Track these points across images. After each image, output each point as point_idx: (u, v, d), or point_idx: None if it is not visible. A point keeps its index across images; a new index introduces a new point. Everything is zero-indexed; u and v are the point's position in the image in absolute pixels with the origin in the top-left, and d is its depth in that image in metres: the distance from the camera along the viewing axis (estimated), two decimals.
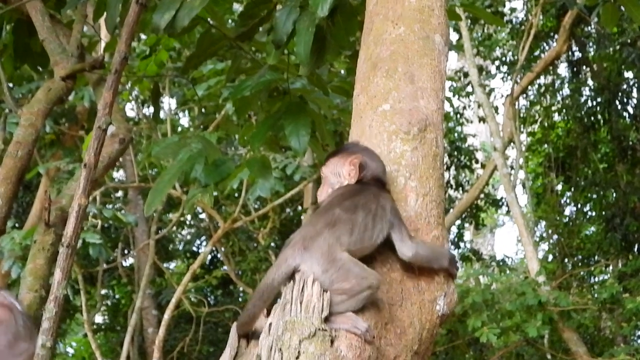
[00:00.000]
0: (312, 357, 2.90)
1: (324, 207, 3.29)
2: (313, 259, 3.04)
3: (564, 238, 18.66)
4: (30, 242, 8.94)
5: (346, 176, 3.40)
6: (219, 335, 17.50)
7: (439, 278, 3.46)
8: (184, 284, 13.59)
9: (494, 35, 19.95)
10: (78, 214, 4.03)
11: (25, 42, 6.11)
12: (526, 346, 16.05)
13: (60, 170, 11.43)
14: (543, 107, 20.33)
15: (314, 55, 4.96)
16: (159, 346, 13.43)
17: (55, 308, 3.88)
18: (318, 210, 3.33)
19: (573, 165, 18.94)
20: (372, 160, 3.43)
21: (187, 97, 14.01)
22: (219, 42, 5.78)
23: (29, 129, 4.80)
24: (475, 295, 13.20)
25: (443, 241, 3.55)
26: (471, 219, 20.02)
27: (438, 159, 3.68)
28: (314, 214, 3.30)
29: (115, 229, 16.58)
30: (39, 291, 4.59)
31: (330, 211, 3.18)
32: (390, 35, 3.95)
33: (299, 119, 5.40)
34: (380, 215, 3.22)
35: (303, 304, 3.01)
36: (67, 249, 3.99)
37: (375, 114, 3.74)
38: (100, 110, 4.19)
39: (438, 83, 3.87)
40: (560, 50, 17.79)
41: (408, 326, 3.29)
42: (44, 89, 5.10)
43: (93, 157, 4.12)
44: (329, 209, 3.22)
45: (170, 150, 5.97)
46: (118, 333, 18.45)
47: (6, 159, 4.63)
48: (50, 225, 4.76)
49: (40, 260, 4.71)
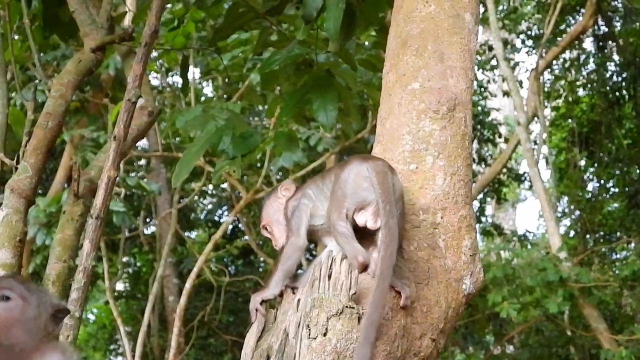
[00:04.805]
0: (339, 334, 2.93)
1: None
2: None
3: (586, 214, 18.56)
4: (54, 209, 9.06)
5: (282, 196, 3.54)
6: (239, 304, 17.57)
7: (465, 257, 3.48)
8: (205, 254, 13.64)
9: (520, 9, 19.80)
10: (107, 186, 4.07)
11: (54, 11, 6.11)
12: (546, 322, 16.08)
13: (84, 137, 11.48)
14: (568, 81, 20.19)
15: (343, 30, 4.96)
16: (180, 315, 13.52)
17: (84, 279, 3.94)
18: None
19: (597, 141, 18.82)
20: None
21: (210, 66, 13.99)
22: (246, 15, 5.77)
23: (59, 100, 4.83)
24: (496, 270, 13.22)
25: (470, 220, 3.56)
26: (493, 194, 19.95)
27: (466, 138, 3.69)
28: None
29: (137, 197, 16.63)
30: (68, 261, 4.64)
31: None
32: (420, 12, 3.94)
33: (327, 93, 5.41)
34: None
35: (331, 281, 3.04)
36: (96, 220, 4.04)
37: (404, 92, 3.75)
38: (130, 83, 4.22)
39: (467, 62, 3.87)
40: (587, 24, 17.64)
41: (434, 305, 3.32)
42: (74, 61, 5.11)
43: (123, 130, 4.16)
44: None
45: (197, 121, 6.01)
46: (139, 301, 18.56)
47: (36, 130, 4.66)
48: (79, 197, 4.80)
49: (69, 230, 4.76)
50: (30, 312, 2.87)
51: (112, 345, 19.63)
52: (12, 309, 2.84)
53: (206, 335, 17.46)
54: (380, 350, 3.01)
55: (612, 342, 13.90)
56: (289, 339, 3.05)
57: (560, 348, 16.91)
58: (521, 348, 17.76)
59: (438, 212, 3.48)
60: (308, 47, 5.71)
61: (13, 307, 2.84)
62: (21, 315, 2.84)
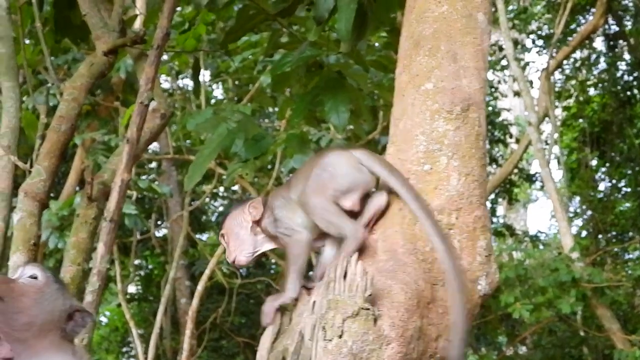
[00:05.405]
0: (355, 335, 2.92)
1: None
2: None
3: (598, 214, 18.50)
4: (66, 212, 9.08)
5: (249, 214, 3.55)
6: (250, 306, 17.57)
7: (480, 258, 3.47)
8: (217, 255, 13.64)
9: (530, 9, 19.75)
10: (121, 189, 4.08)
11: (66, 15, 6.13)
12: (558, 322, 16.03)
13: (95, 141, 11.50)
14: (578, 81, 20.14)
15: (354, 31, 4.95)
16: (192, 317, 13.53)
17: (99, 282, 3.95)
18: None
19: (608, 141, 18.76)
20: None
21: (220, 69, 14.01)
22: (257, 17, 5.77)
23: (72, 103, 4.84)
24: (508, 271, 13.17)
25: (485, 221, 3.55)
26: (505, 194, 19.91)
27: (480, 138, 3.67)
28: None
29: (149, 199, 16.66)
30: (82, 264, 4.65)
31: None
32: (432, 13, 3.92)
33: (338, 94, 5.41)
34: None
35: (347, 282, 3.03)
36: (110, 223, 4.05)
37: (417, 92, 3.73)
38: (142, 86, 4.23)
39: (480, 62, 3.86)
40: (597, 23, 17.57)
41: (450, 306, 3.31)
42: (86, 64, 5.13)
43: (136, 133, 4.17)
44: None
45: (208, 124, 6.01)
46: (151, 303, 18.58)
47: (50, 133, 4.67)
48: (93, 200, 4.81)
49: (83, 233, 4.77)
50: (50, 296, 2.96)
51: (125, 348, 19.67)
52: (35, 286, 2.95)
53: (218, 337, 17.48)
54: (395, 352, 3.00)
55: (625, 342, 13.83)
56: (304, 341, 3.05)
57: (573, 349, 16.85)
58: (534, 349, 17.71)
59: (453, 212, 3.46)
60: (319, 49, 5.71)
61: (36, 285, 2.95)
62: (41, 296, 2.90)
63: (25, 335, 2.87)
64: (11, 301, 2.88)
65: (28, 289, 2.93)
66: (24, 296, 2.91)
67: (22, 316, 2.88)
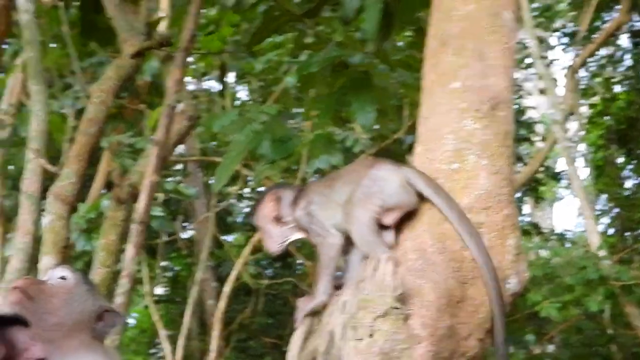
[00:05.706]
0: (385, 335, 2.93)
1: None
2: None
3: (625, 211, 18.39)
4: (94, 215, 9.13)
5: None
6: (277, 307, 17.56)
7: (510, 256, 3.46)
8: (243, 257, 13.65)
9: (554, 6, 19.65)
10: (149, 191, 4.10)
11: (92, 18, 6.16)
12: (586, 320, 15.93)
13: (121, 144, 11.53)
14: (604, 78, 20.01)
15: (380, 31, 4.95)
16: (219, 318, 13.54)
17: (129, 283, 3.97)
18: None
19: (634, 138, 18.62)
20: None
21: (245, 70, 14.01)
22: (282, 17, 5.78)
23: (100, 106, 4.87)
24: (535, 269, 13.06)
25: (514, 219, 3.54)
26: (531, 192, 19.80)
27: (509, 136, 3.67)
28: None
29: (175, 201, 16.68)
30: (112, 266, 4.68)
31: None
32: (459, 11, 3.91)
33: (364, 94, 5.41)
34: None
35: (377, 282, 3.03)
36: (140, 225, 4.06)
37: (444, 91, 3.73)
38: (170, 88, 4.24)
39: (508, 60, 3.84)
40: (622, 20, 17.42)
41: (480, 304, 3.30)
42: (113, 67, 5.16)
43: (163, 135, 4.18)
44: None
45: (234, 125, 6.02)
46: (178, 304, 18.58)
47: (79, 136, 4.70)
48: (122, 202, 4.84)
49: (112, 236, 4.80)
50: (80, 297, 3.00)
51: (153, 349, 19.71)
52: (65, 287, 2.99)
53: (245, 337, 17.48)
54: (427, 351, 3.00)
55: None
56: (334, 340, 3.05)
57: (601, 347, 16.74)
58: (562, 347, 17.62)
59: (482, 211, 3.45)
60: (344, 49, 5.71)
61: (66, 286, 2.99)
62: (71, 297, 2.92)
63: (56, 336, 2.90)
64: (42, 302, 2.91)
65: (58, 290, 2.96)
66: (54, 297, 2.94)
67: (52, 317, 2.91)
